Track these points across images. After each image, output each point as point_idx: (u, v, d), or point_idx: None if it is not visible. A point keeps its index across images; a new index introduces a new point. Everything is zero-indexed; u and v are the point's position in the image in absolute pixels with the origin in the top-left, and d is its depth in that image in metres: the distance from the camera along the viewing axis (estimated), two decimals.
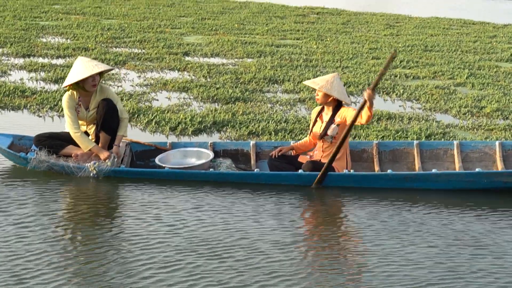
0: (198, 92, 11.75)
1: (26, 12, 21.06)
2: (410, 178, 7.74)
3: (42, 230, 6.20)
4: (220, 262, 5.69)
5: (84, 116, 8.09)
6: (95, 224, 6.46)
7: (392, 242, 6.22)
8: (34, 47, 15.36)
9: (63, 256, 5.69)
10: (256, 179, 7.77)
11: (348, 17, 24.32)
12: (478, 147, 8.48)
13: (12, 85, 11.66)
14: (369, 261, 5.83)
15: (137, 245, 5.96)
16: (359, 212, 7.02)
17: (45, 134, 8.12)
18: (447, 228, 6.59)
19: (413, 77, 13.96)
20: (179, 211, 6.81)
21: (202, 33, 18.91)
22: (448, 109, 11.33)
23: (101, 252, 5.79)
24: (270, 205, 7.12)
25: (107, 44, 16.27)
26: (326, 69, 14.24)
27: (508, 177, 7.69)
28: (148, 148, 8.49)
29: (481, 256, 5.98)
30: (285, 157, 8.09)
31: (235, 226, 6.48)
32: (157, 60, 14.62)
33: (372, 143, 8.50)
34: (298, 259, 5.82)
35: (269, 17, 23.10)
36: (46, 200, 7.01)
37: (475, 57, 16.59)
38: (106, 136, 8.05)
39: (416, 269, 5.68)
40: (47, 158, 7.82)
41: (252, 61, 14.81)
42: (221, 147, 8.58)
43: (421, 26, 22.66)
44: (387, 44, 18.17)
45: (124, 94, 11.43)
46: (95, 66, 7.91)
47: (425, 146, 8.52)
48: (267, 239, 6.19)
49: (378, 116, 10.59)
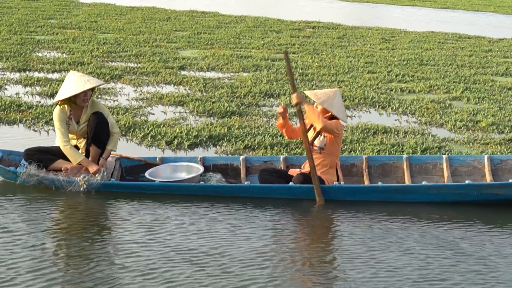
0: (194, 106, 11.75)
1: (21, 26, 21.05)
2: (401, 190, 7.75)
3: (31, 244, 6.21)
4: (205, 273, 5.76)
5: (75, 130, 8.08)
6: (84, 237, 6.48)
7: (376, 252, 6.24)
8: (30, 61, 15.35)
9: (50, 269, 5.71)
10: (247, 192, 7.76)
11: (344, 31, 24.36)
12: (467, 161, 8.51)
13: (8, 99, 11.65)
14: (351, 273, 5.87)
15: (124, 257, 5.99)
16: (347, 225, 7.07)
17: (35, 148, 8.11)
18: (428, 238, 6.62)
19: (409, 91, 13.98)
20: (168, 224, 6.84)
21: (198, 47, 18.92)
22: (444, 123, 11.35)
23: (89, 265, 5.83)
24: (260, 218, 7.15)
25: (103, 59, 16.27)
26: (322, 83, 14.26)
27: (498, 189, 7.70)
28: (138, 163, 8.49)
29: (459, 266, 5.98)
30: (275, 171, 8.08)
31: (221, 238, 6.53)
32: (153, 74, 14.62)
33: (362, 158, 8.52)
34: (279, 270, 5.87)
35: (264, 31, 23.13)
36: (35, 214, 7.01)
37: (470, 71, 16.63)
38: (97, 150, 8.03)
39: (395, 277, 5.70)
40: (37, 172, 7.79)
41: (248, 75, 14.82)
42: (211, 161, 8.57)
43: (417, 40, 22.71)
44: (383, 58, 18.21)
45: (120, 108, 11.43)
46: (87, 81, 7.91)
47: (414, 160, 8.54)
48: (253, 251, 6.25)
49: (374, 130, 10.60)
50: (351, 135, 10.27)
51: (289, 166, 8.46)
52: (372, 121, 11.21)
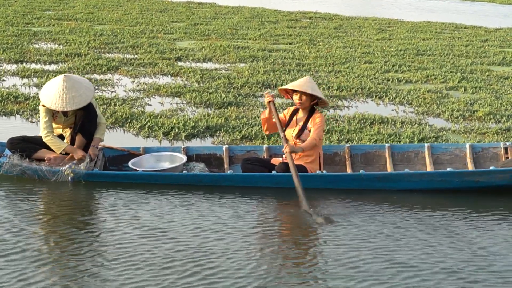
0: (191, 97, 11.75)
1: (18, 18, 21.02)
2: (383, 178, 7.76)
3: (15, 233, 6.23)
4: (187, 262, 5.78)
5: (62, 121, 8.07)
6: (67, 226, 6.48)
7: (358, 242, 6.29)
8: (27, 53, 15.34)
9: (33, 260, 5.72)
10: (230, 181, 7.77)
11: (341, 22, 24.36)
12: (449, 149, 8.56)
13: (5, 91, 11.65)
14: (333, 260, 5.91)
15: (109, 246, 6.03)
16: (328, 212, 7.09)
17: (19, 138, 8.07)
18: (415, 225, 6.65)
19: (406, 81, 14.00)
20: (151, 213, 6.85)
21: (195, 38, 18.91)
22: (441, 113, 11.37)
23: (73, 254, 5.86)
24: (241, 207, 7.16)
25: (99, 50, 16.26)
26: (318, 74, 14.27)
27: (479, 177, 7.74)
28: (121, 154, 8.50)
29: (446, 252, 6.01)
30: (258, 160, 8.09)
31: (203, 227, 6.55)
32: (150, 65, 14.62)
33: (344, 147, 8.55)
34: (261, 260, 5.89)
35: (261, 22, 23.12)
36: (18, 205, 7.02)
37: (467, 61, 16.64)
38: (82, 139, 8.00)
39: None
40: (20, 162, 7.74)
41: (245, 66, 14.82)
42: (194, 151, 8.59)
43: (413, 30, 22.72)
44: (380, 48, 18.21)
45: (117, 100, 11.43)
46: (70, 99, 7.76)
47: (396, 149, 8.58)
48: (235, 240, 6.26)
49: (371, 120, 10.61)
50: (348, 125, 10.28)
51: (272, 155, 8.46)
52: (369, 111, 11.22)
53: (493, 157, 8.50)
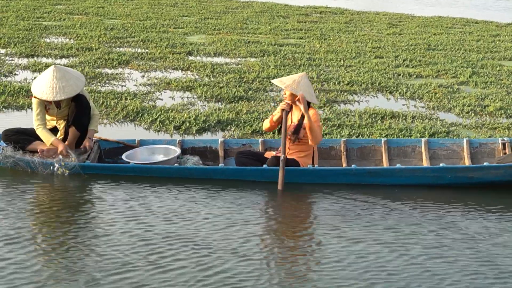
0: (202, 91, 11.77)
1: (29, 12, 21.07)
2: (374, 173, 7.72)
3: (6, 225, 6.28)
4: (178, 252, 5.83)
5: (55, 113, 8.08)
6: (58, 218, 6.54)
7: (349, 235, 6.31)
8: (38, 47, 15.38)
9: (25, 252, 5.76)
10: (221, 174, 7.77)
11: (351, 16, 24.31)
12: (446, 144, 8.50)
13: (17, 84, 11.70)
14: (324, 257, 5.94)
15: (99, 238, 6.08)
16: (317, 208, 7.15)
17: (13, 129, 8.12)
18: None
19: (416, 76, 13.97)
20: (143, 206, 6.88)
21: (205, 32, 18.92)
22: (452, 107, 11.34)
23: (65, 245, 5.91)
24: (231, 200, 7.17)
25: (110, 44, 16.29)
26: (329, 68, 14.25)
27: (472, 172, 7.67)
28: (117, 146, 8.53)
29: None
30: (251, 154, 8.08)
31: (194, 220, 6.58)
32: (160, 59, 14.63)
33: (340, 141, 8.51)
34: (252, 256, 5.88)
35: (272, 17, 23.10)
36: (11, 196, 7.07)
37: (478, 56, 16.59)
38: (76, 132, 8.01)
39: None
40: (13, 153, 7.79)
41: (256, 61, 14.82)
42: (190, 144, 8.60)
43: (424, 25, 22.65)
44: (390, 43, 18.17)
45: (129, 94, 11.45)
46: (59, 90, 7.77)
47: (393, 143, 8.53)
48: (223, 234, 6.26)
49: (381, 115, 10.60)
50: (359, 120, 10.28)
51: (268, 149, 8.46)
52: (379, 106, 11.21)
53: (491, 153, 8.43)
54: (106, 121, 10.10)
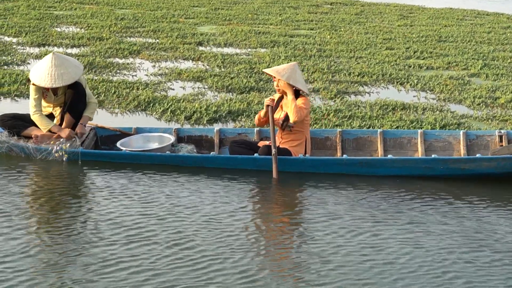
0: (213, 81, 11.79)
1: (40, 1, 21.12)
2: (366, 163, 7.70)
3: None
4: (169, 240, 5.84)
5: (52, 100, 8.14)
6: (52, 205, 6.58)
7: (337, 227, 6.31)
8: (49, 36, 15.43)
9: (21, 239, 5.77)
10: (213, 163, 7.78)
11: (362, 8, 24.28)
12: (442, 136, 8.47)
13: (28, 73, 11.72)
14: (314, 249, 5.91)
15: (93, 224, 6.12)
16: (311, 197, 7.12)
17: (9, 115, 8.20)
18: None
19: (427, 68, 13.96)
20: (136, 193, 6.91)
21: (216, 23, 18.93)
22: (462, 99, 11.34)
23: (59, 231, 5.92)
24: (221, 189, 7.18)
25: (121, 34, 16.32)
26: (340, 59, 14.25)
27: (465, 164, 7.63)
28: (113, 133, 8.58)
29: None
30: (245, 143, 8.10)
31: (187, 208, 6.59)
32: (171, 49, 14.66)
33: (336, 131, 8.50)
34: (243, 241, 5.90)
35: (282, 7, 23.09)
36: (4, 182, 7.10)
37: (489, 48, 16.56)
38: (71, 119, 8.06)
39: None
40: (7, 139, 7.86)
41: (266, 51, 14.83)
42: (185, 133, 8.62)
43: (435, 17, 22.61)
44: (401, 34, 18.15)
45: (140, 83, 11.49)
46: (59, 76, 7.83)
47: (388, 134, 8.51)
48: (212, 224, 6.26)
49: (392, 106, 10.61)
50: (370, 111, 10.29)
51: (263, 138, 8.46)
52: (390, 97, 11.22)
53: (487, 145, 8.38)
54: (117, 111, 10.14)
